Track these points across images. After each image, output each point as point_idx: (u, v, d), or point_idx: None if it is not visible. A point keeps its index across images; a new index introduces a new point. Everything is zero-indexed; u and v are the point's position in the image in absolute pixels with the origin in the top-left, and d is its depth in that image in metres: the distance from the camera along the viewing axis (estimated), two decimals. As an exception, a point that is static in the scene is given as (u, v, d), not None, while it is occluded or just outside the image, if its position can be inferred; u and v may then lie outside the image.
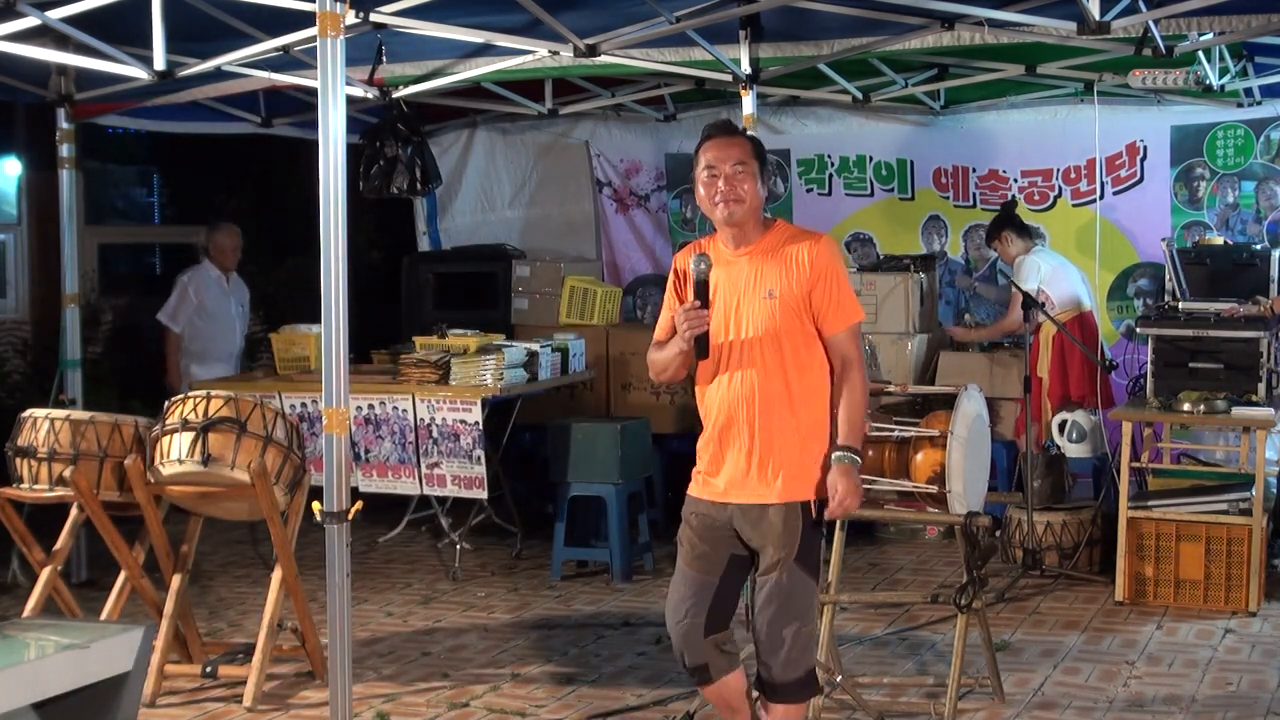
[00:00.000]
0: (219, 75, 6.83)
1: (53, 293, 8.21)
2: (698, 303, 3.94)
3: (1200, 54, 6.62)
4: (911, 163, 8.94)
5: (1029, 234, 8.01)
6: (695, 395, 4.13)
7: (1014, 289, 7.59)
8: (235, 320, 8.57)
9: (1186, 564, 6.55)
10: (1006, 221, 8.01)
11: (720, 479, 4.04)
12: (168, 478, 5.38)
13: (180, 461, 5.32)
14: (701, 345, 3.97)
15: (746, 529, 4.01)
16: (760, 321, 3.96)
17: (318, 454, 4.95)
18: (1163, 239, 7.75)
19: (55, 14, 5.88)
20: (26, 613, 5.57)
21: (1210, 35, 6.02)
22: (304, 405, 7.28)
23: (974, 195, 8.81)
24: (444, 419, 7.05)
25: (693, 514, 4.11)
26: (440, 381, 7.14)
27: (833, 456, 3.94)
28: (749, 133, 4.14)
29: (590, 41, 6.26)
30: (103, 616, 5.64)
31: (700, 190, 4.04)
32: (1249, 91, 7.87)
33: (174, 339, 8.49)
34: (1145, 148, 8.37)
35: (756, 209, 4.01)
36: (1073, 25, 5.61)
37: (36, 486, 5.55)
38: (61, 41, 6.35)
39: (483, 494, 7.10)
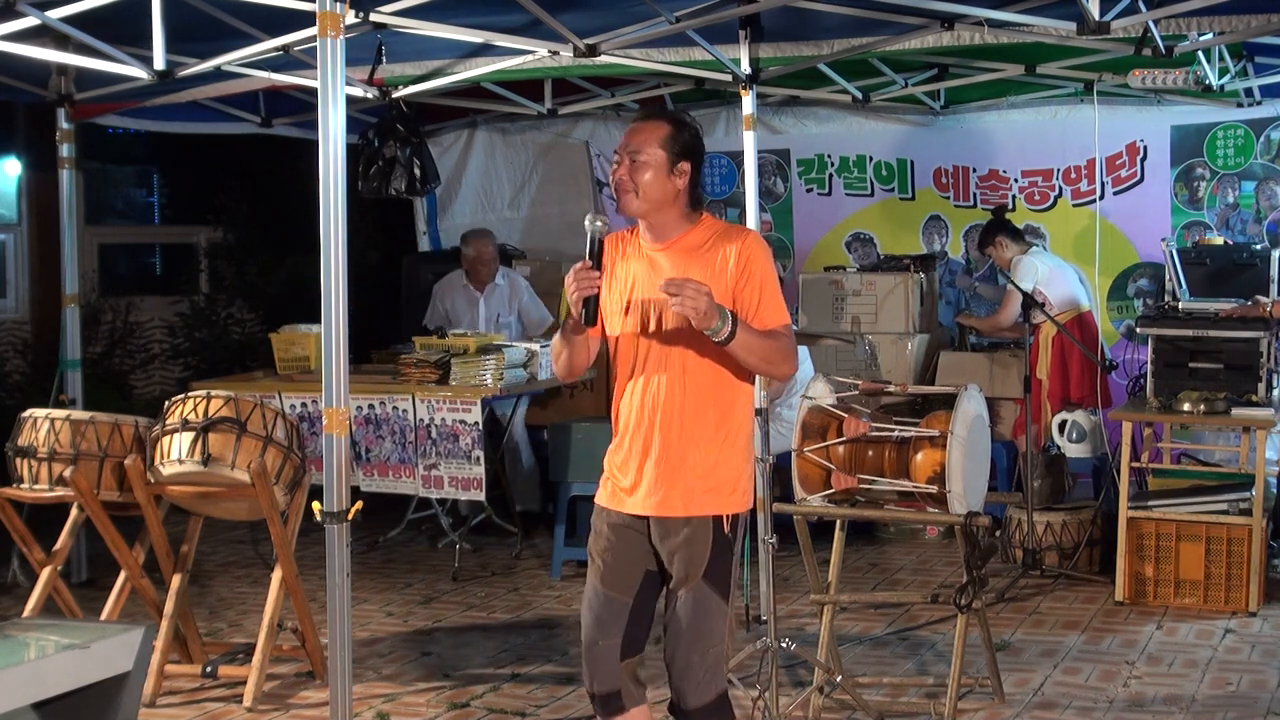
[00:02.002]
0: (219, 75, 6.83)
1: (53, 293, 8.21)
2: (589, 263, 3.64)
3: (1200, 54, 6.62)
4: (911, 163, 8.95)
5: (1022, 236, 8.02)
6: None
7: (1010, 289, 7.59)
8: (485, 329, 8.25)
9: (1186, 564, 6.54)
10: (999, 227, 8.01)
11: (631, 488, 3.76)
12: (168, 478, 5.38)
13: (180, 461, 5.32)
14: (589, 311, 3.67)
15: (657, 543, 3.73)
16: (678, 322, 3.64)
17: (318, 454, 4.94)
18: (1163, 239, 7.75)
19: (55, 14, 5.88)
20: (26, 613, 5.57)
21: (1210, 35, 6.02)
22: (304, 405, 7.28)
23: (974, 195, 8.81)
24: (443, 419, 7.05)
25: (603, 525, 3.82)
26: (440, 381, 7.14)
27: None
28: (682, 117, 3.79)
29: (590, 41, 6.26)
30: (103, 616, 5.64)
31: (611, 178, 3.80)
32: (1249, 91, 7.87)
33: None
34: (1145, 148, 8.37)
35: (661, 202, 3.70)
36: (1073, 25, 5.61)
37: (36, 486, 5.55)
38: (61, 41, 6.35)
39: (480, 495, 7.09)
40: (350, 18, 4.30)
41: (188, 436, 5.32)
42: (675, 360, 3.70)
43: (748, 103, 6.62)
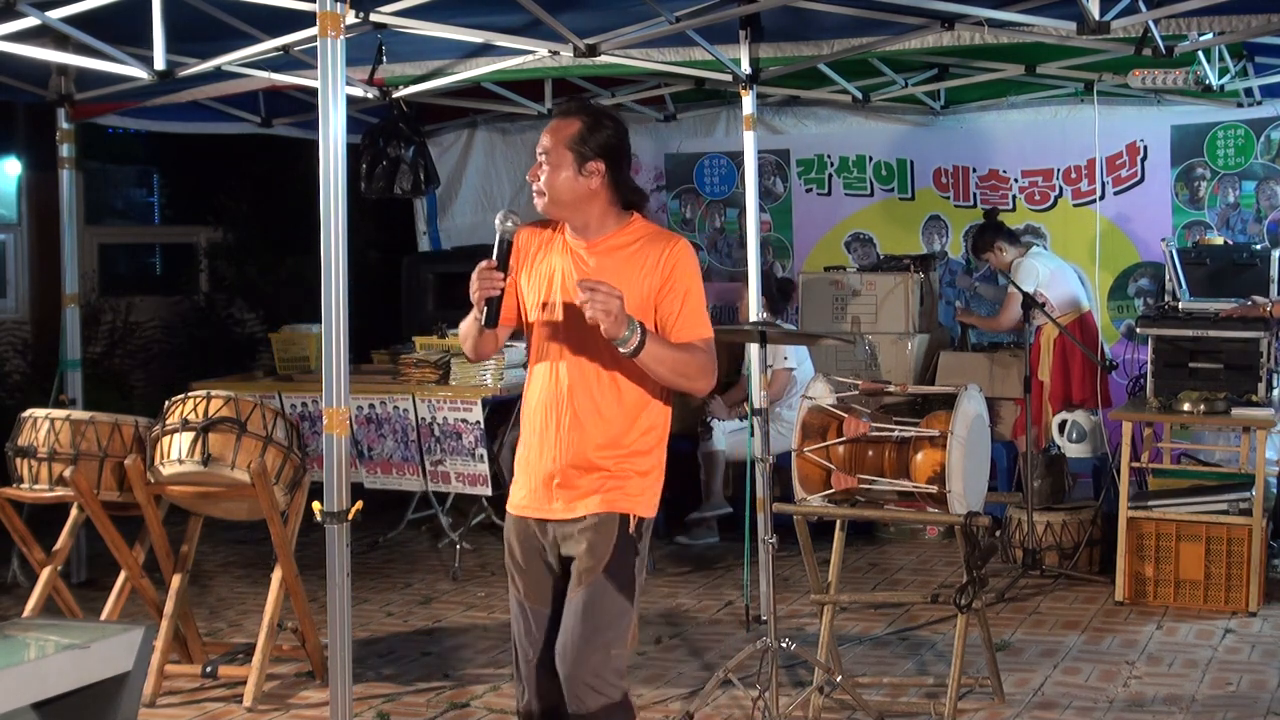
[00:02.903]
0: (219, 75, 6.83)
1: (53, 293, 8.21)
2: (494, 262, 3.55)
3: (1200, 54, 6.62)
4: (911, 163, 8.95)
5: (1018, 238, 8.02)
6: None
7: (1011, 290, 7.59)
8: None
9: (1186, 564, 6.54)
10: (996, 232, 8.00)
11: (538, 491, 3.64)
12: (168, 478, 5.38)
13: (180, 461, 5.32)
14: (490, 311, 3.56)
15: (561, 546, 3.62)
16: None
17: (318, 454, 4.95)
18: (1163, 239, 7.76)
19: (55, 14, 5.88)
20: (26, 613, 5.57)
21: (1210, 35, 6.02)
22: (304, 405, 7.28)
23: (974, 195, 8.81)
24: (445, 418, 7.05)
25: (514, 535, 3.69)
26: (440, 381, 7.14)
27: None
28: (599, 112, 3.68)
29: (590, 41, 6.26)
30: (103, 616, 5.64)
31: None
32: (1249, 91, 7.87)
33: None
34: (1145, 148, 8.37)
35: (574, 203, 3.60)
36: (1073, 25, 5.61)
37: (36, 486, 5.55)
38: (61, 41, 6.35)
39: (487, 490, 7.11)
40: (350, 18, 4.30)
41: (188, 436, 5.32)
42: (589, 359, 3.58)
43: (748, 103, 6.62)
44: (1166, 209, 8.36)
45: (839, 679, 5.03)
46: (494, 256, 3.56)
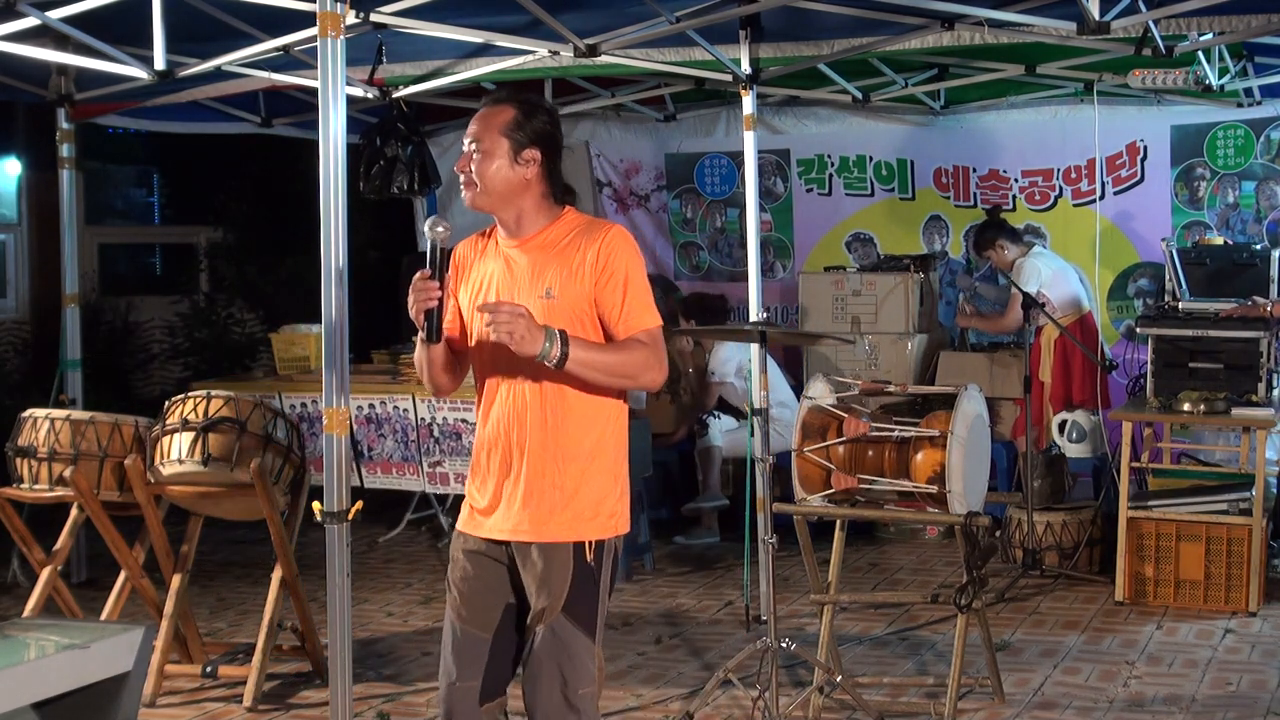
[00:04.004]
0: (219, 75, 6.83)
1: (53, 293, 8.21)
2: (427, 272, 3.32)
3: (1200, 54, 6.62)
4: (912, 163, 8.95)
5: (1019, 237, 8.02)
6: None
7: (1014, 290, 7.59)
8: None
9: (1186, 564, 6.54)
10: (998, 230, 8.00)
11: (487, 510, 3.46)
12: (168, 478, 5.38)
13: (180, 461, 5.32)
14: (431, 326, 3.37)
15: (518, 571, 3.43)
16: None
17: (318, 454, 4.94)
18: (1163, 239, 7.75)
19: (55, 14, 5.88)
20: (26, 613, 5.57)
21: (1210, 35, 6.02)
22: (304, 405, 7.28)
23: (974, 195, 8.81)
24: (445, 418, 7.05)
25: (460, 553, 3.50)
26: (440, 381, 7.13)
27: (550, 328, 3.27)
28: (532, 101, 3.50)
29: (590, 41, 6.26)
30: (103, 616, 5.65)
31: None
32: (1249, 91, 7.87)
33: None
34: (1145, 148, 8.37)
35: (508, 195, 3.42)
36: (1073, 25, 5.61)
37: (36, 486, 5.55)
38: (61, 41, 6.35)
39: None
40: (350, 18, 4.30)
41: (188, 436, 5.32)
42: (534, 370, 3.35)
43: (748, 103, 6.62)
44: (1166, 209, 8.36)
45: (839, 679, 5.03)
46: (427, 265, 3.35)
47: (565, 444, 3.39)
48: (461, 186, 3.45)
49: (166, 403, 5.51)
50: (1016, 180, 8.70)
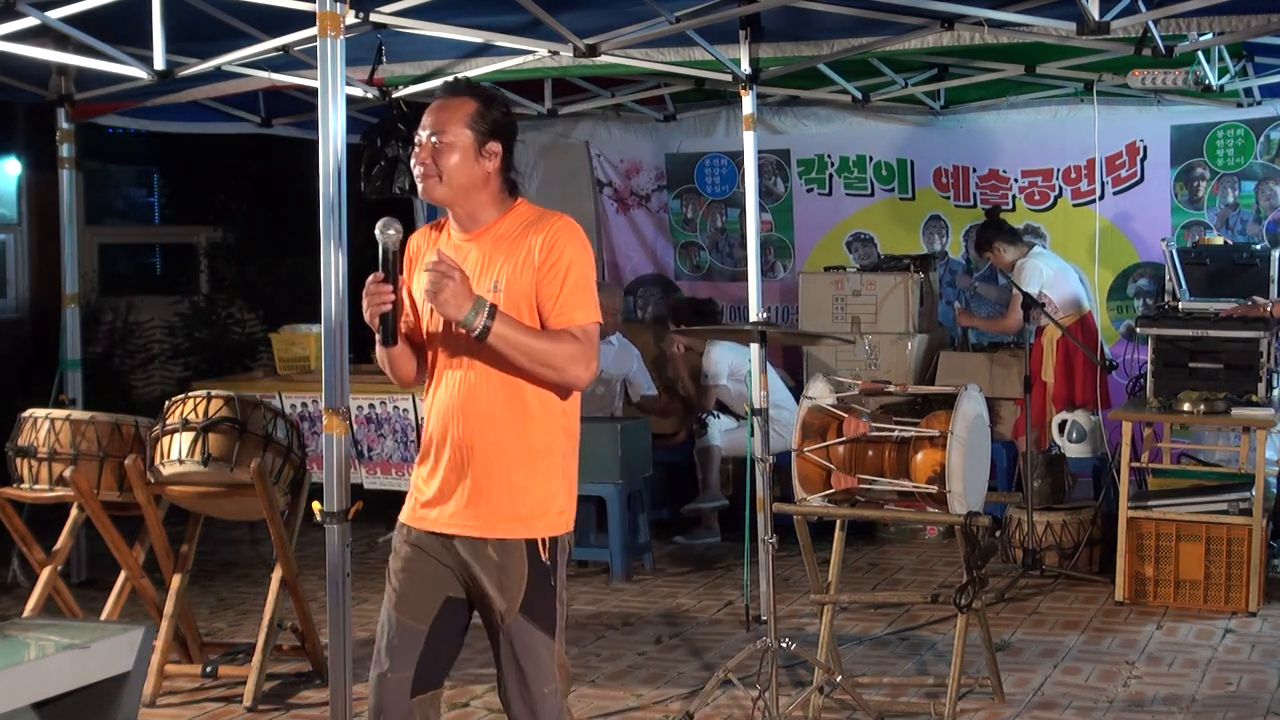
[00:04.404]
0: (219, 75, 6.83)
1: (53, 293, 8.22)
2: (380, 275, 3.30)
3: (1200, 54, 6.62)
4: (912, 163, 8.95)
5: (1019, 238, 8.02)
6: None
7: (1014, 291, 7.59)
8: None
9: (1186, 564, 6.54)
10: (996, 232, 8.00)
11: (434, 503, 3.43)
12: (168, 478, 5.38)
13: (180, 461, 5.32)
14: (385, 329, 3.36)
15: (464, 567, 3.40)
16: None
17: (318, 454, 4.94)
18: (1163, 239, 7.75)
19: (55, 14, 5.88)
20: (26, 613, 5.57)
21: (1210, 35, 6.02)
22: (304, 405, 7.28)
23: (974, 195, 8.81)
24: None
25: (403, 544, 3.49)
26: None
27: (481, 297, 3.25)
28: (490, 92, 3.47)
29: (590, 41, 6.26)
30: (103, 616, 5.64)
31: (412, 161, 3.44)
32: (1249, 91, 7.87)
33: None
34: (1145, 148, 8.37)
35: (469, 188, 3.37)
36: (1072, 25, 5.61)
37: (36, 486, 5.55)
38: (61, 41, 6.35)
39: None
40: (350, 18, 4.30)
41: (188, 436, 5.32)
42: (483, 363, 3.33)
43: (748, 103, 6.62)
44: (1166, 209, 8.36)
45: (839, 679, 5.03)
46: (380, 268, 3.32)
47: (516, 440, 3.36)
48: (418, 179, 3.38)
49: (166, 403, 5.51)
50: (1016, 180, 8.70)
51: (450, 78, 3.53)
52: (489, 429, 3.35)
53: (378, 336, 3.40)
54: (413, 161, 3.40)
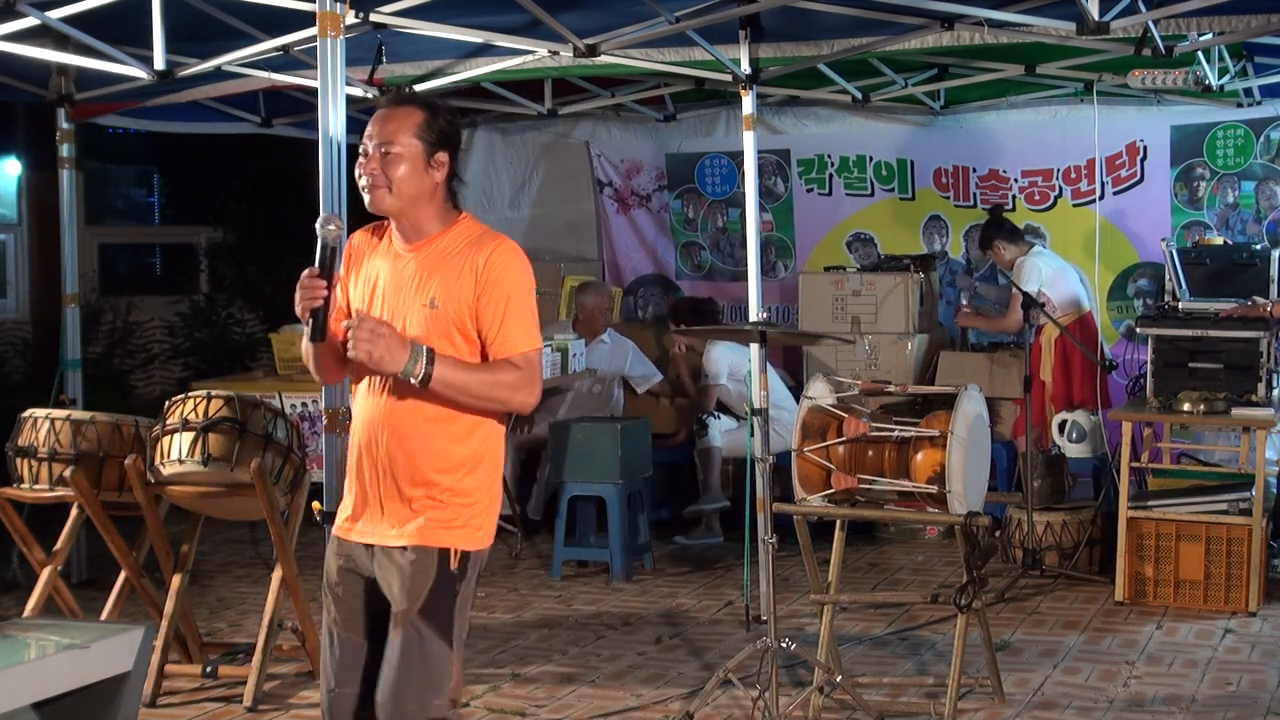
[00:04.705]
0: (219, 75, 6.83)
1: (53, 293, 8.22)
2: (315, 270, 3.27)
3: (1200, 54, 6.62)
4: (912, 163, 8.95)
5: (1021, 237, 8.02)
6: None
7: (1014, 290, 7.59)
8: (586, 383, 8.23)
9: (1186, 564, 6.54)
10: (996, 230, 8.01)
11: (357, 515, 3.40)
12: (168, 478, 5.38)
13: (180, 461, 5.32)
14: (315, 324, 3.30)
15: (379, 575, 3.36)
16: (416, 334, 3.28)
17: (318, 454, 4.95)
18: (1163, 239, 7.75)
19: (55, 14, 5.88)
20: (26, 613, 5.57)
21: (1210, 35, 6.02)
22: (304, 405, 7.28)
23: (974, 195, 8.81)
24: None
25: (334, 557, 3.45)
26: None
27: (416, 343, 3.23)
28: (435, 102, 3.40)
29: (590, 41, 6.26)
30: (103, 616, 5.64)
31: (356, 172, 3.39)
32: (1249, 91, 7.87)
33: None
34: (1145, 148, 8.37)
35: (416, 199, 3.32)
36: (1072, 25, 5.61)
37: (36, 486, 5.55)
38: (61, 41, 6.35)
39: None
40: (350, 18, 4.31)
41: (188, 436, 5.32)
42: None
43: (748, 103, 6.62)
44: (1166, 209, 8.36)
45: (839, 679, 5.03)
46: (316, 263, 3.29)
47: (439, 453, 3.32)
48: (366, 189, 3.32)
49: (166, 403, 5.51)
50: (1016, 180, 8.70)
51: (394, 88, 3.48)
52: (409, 440, 3.32)
53: (306, 331, 3.35)
54: (358, 172, 3.36)
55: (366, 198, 3.34)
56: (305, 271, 3.28)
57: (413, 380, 3.22)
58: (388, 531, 3.34)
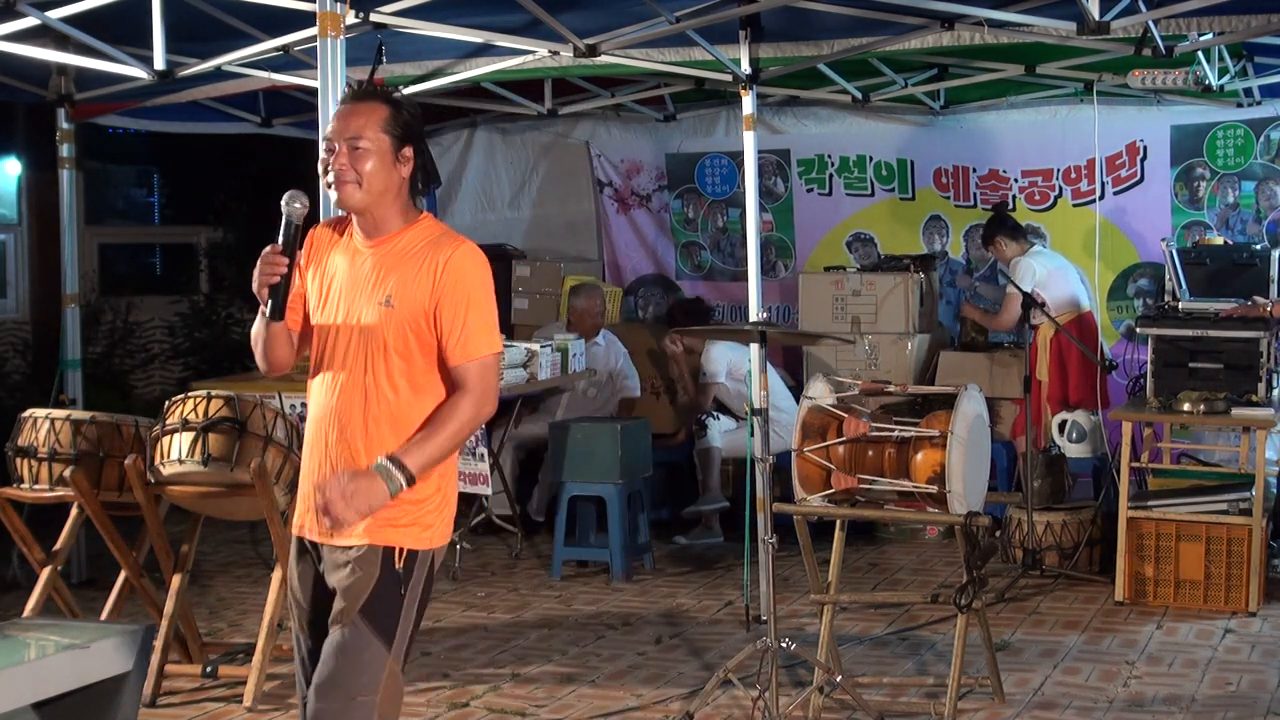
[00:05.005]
0: (219, 75, 6.83)
1: (53, 293, 8.22)
2: (278, 246, 3.27)
3: (1200, 54, 6.62)
4: (912, 163, 8.95)
5: (1023, 236, 8.02)
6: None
7: (1010, 289, 7.60)
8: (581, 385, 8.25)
9: (1186, 564, 6.54)
10: (999, 227, 8.01)
11: (312, 511, 3.31)
12: (168, 478, 5.38)
13: (180, 461, 5.32)
14: (275, 301, 3.27)
15: (330, 575, 3.31)
16: (370, 331, 3.26)
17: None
18: (1163, 239, 7.75)
19: (55, 14, 5.88)
20: (26, 613, 5.57)
21: (1210, 35, 6.02)
22: (304, 405, 7.27)
23: (974, 195, 8.81)
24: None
25: (296, 558, 3.41)
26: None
27: (376, 461, 3.19)
28: (398, 97, 3.38)
29: (590, 41, 6.26)
30: (103, 616, 5.64)
31: (320, 168, 3.36)
32: (1249, 91, 7.87)
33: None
34: (1145, 148, 8.37)
35: (383, 194, 3.28)
36: (1072, 25, 5.62)
37: (36, 486, 5.55)
38: (61, 41, 6.35)
39: (486, 490, 7.13)
40: (350, 18, 4.32)
41: (188, 436, 5.32)
42: (364, 372, 3.27)
43: (748, 103, 6.62)
44: (1166, 209, 8.36)
45: (839, 679, 5.03)
46: (279, 240, 3.28)
47: (391, 446, 3.24)
48: (333, 185, 3.29)
49: (166, 403, 5.51)
50: (1016, 180, 8.70)
51: (356, 82, 3.43)
52: (359, 439, 3.27)
53: (263, 309, 3.30)
54: (322, 168, 3.32)
55: (333, 194, 3.30)
56: (268, 247, 3.25)
57: (403, 490, 3.18)
58: (334, 530, 3.26)
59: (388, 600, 3.24)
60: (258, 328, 3.38)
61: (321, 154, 3.35)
